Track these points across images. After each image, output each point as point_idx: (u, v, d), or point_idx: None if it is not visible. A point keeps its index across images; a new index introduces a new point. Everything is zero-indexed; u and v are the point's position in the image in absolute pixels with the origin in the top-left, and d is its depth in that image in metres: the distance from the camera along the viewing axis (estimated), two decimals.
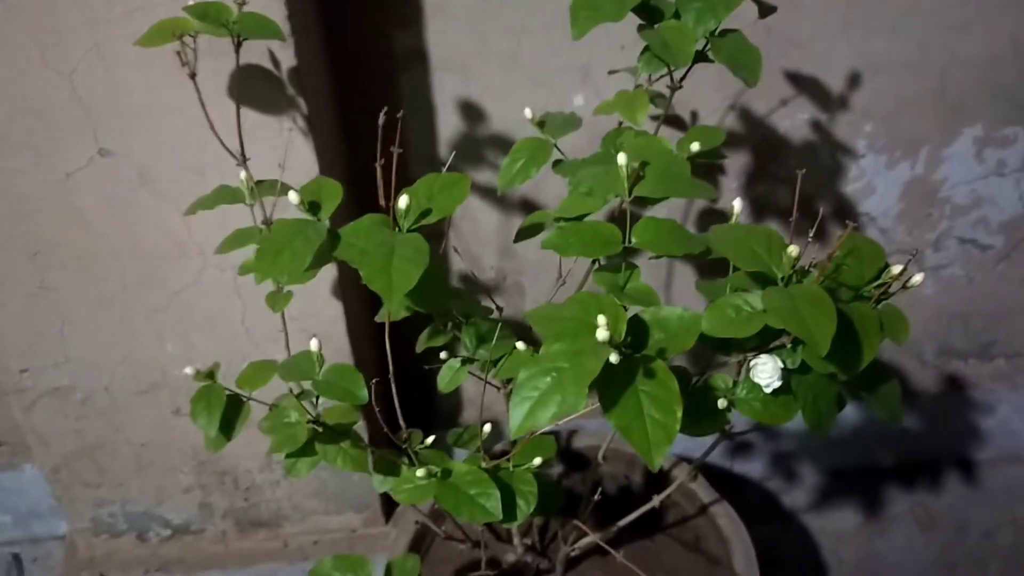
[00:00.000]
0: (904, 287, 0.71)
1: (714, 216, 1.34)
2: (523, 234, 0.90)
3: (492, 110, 1.23)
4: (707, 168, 1.28)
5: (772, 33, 1.13)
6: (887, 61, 1.22)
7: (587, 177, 0.79)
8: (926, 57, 1.22)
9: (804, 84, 1.23)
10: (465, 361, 0.94)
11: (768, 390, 0.71)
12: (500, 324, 0.92)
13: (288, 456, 0.87)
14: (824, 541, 1.55)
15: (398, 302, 0.66)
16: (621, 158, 0.74)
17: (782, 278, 0.66)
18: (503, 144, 1.25)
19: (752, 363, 0.71)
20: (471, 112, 1.23)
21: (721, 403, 0.74)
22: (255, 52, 0.96)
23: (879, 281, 0.71)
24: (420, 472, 0.79)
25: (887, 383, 0.77)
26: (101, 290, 1.12)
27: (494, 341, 0.88)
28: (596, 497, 0.96)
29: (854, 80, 1.23)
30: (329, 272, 1.12)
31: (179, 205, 1.00)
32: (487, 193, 1.29)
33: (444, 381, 0.95)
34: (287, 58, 0.97)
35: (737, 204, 0.78)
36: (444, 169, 0.78)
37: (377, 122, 0.76)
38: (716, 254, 0.72)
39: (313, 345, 0.80)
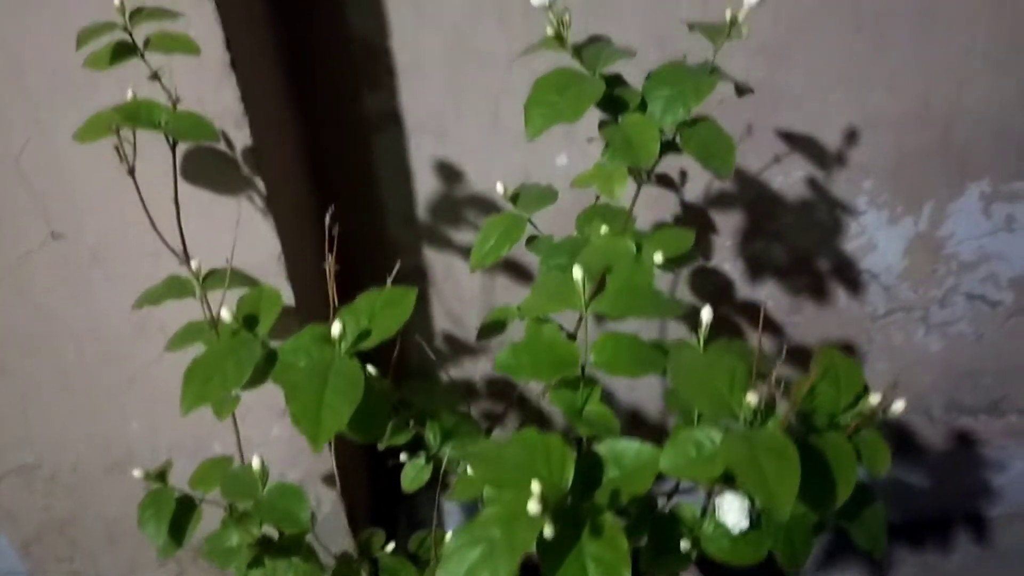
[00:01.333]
0: (884, 415, 0.65)
1: (707, 274, 1.27)
2: (484, 332, 0.85)
3: (471, 171, 1.17)
4: (699, 225, 1.22)
5: (763, 88, 1.06)
6: (887, 114, 1.15)
7: (546, 285, 0.73)
8: (928, 109, 1.15)
9: (798, 141, 1.17)
10: (429, 460, 0.89)
11: (735, 531, 0.65)
12: (467, 420, 0.87)
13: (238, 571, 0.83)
14: None
15: (324, 442, 0.61)
16: (576, 272, 0.68)
17: (744, 419, 0.60)
18: (484, 204, 1.19)
19: (717, 501, 0.65)
20: (449, 173, 1.18)
21: (684, 546, 0.68)
22: None
23: (856, 409, 0.65)
24: None
25: (869, 507, 0.71)
26: (61, 371, 1.08)
27: (449, 446, 0.83)
28: None
29: (851, 135, 1.16)
30: None
31: (134, 287, 0.96)
32: (469, 254, 1.23)
33: (408, 480, 0.90)
34: (242, 137, 0.93)
35: (705, 315, 0.72)
36: (389, 281, 0.73)
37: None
38: (674, 383, 0.66)
39: (255, 463, 0.76)
